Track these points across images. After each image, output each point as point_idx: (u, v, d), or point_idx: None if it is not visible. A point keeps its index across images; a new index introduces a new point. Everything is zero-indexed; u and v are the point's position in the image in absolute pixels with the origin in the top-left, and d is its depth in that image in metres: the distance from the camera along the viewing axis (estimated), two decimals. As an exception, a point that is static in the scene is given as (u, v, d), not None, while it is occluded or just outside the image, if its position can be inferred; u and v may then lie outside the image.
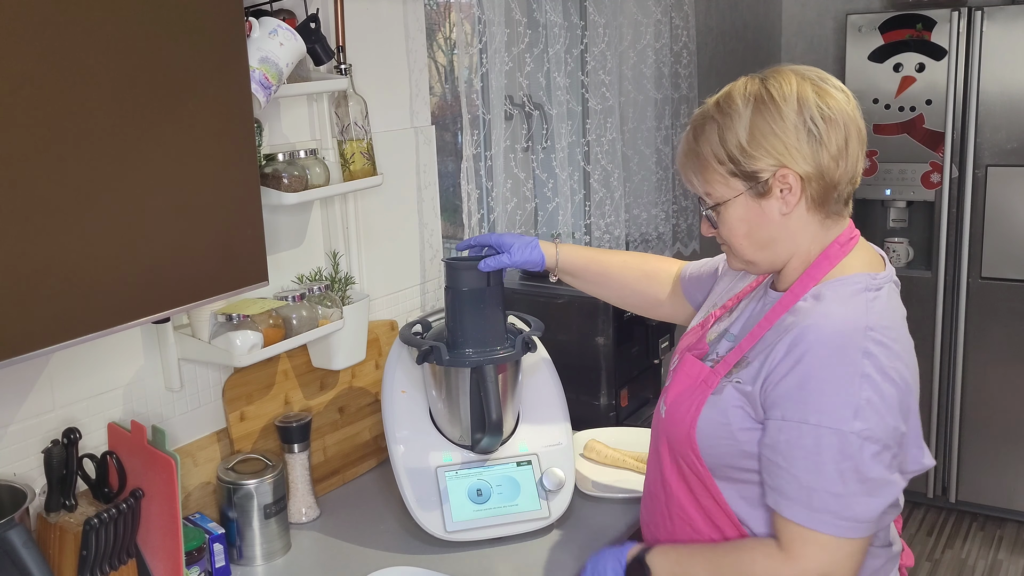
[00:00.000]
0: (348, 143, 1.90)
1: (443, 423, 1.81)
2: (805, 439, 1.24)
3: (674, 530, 1.47)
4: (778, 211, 1.32)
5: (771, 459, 1.29)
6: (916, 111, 3.66)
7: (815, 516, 1.25)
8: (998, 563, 3.55)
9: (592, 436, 2.10)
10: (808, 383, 1.25)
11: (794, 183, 1.30)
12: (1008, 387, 3.66)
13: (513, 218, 2.67)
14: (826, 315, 1.28)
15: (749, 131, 1.29)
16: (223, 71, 1.33)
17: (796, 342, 1.27)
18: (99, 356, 1.61)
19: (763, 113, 1.29)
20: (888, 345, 1.27)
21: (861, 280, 1.33)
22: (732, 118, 1.31)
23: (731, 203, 1.34)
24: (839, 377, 1.24)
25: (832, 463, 1.23)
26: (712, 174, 1.34)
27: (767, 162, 1.29)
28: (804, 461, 1.24)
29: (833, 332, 1.26)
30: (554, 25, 2.67)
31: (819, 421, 1.23)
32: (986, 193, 3.60)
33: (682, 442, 1.40)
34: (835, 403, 1.23)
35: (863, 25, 3.71)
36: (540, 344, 1.92)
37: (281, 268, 1.91)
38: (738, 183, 1.32)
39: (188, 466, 1.75)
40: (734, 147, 1.30)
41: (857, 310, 1.29)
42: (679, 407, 1.41)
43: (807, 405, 1.24)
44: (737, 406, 1.33)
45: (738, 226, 1.35)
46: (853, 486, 1.24)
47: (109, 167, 1.19)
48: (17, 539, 1.26)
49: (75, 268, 1.17)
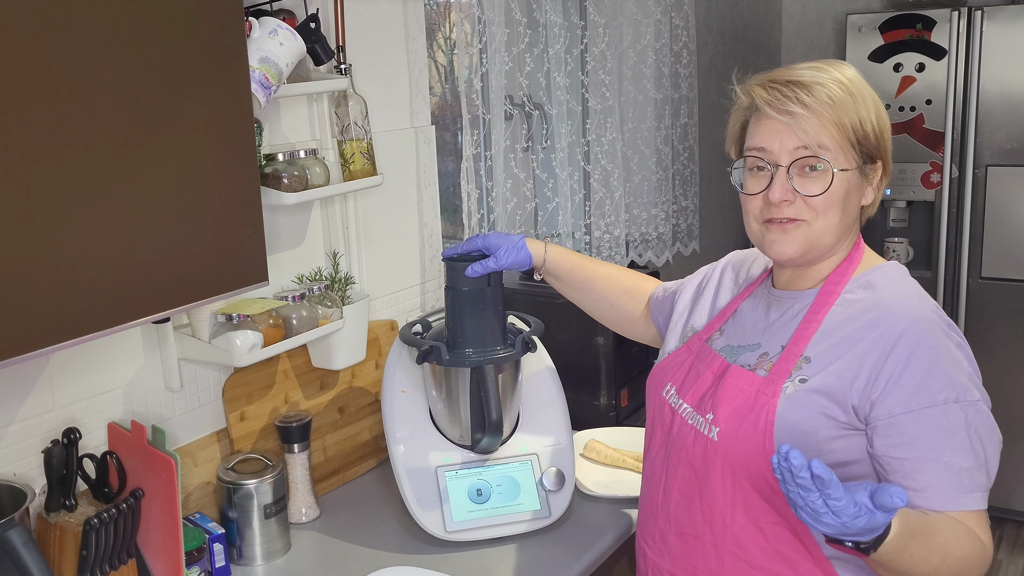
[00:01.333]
0: (348, 143, 1.90)
1: (443, 423, 1.81)
2: (952, 419, 1.22)
3: (722, 572, 1.35)
4: (859, 199, 1.36)
5: (906, 457, 1.22)
6: (916, 111, 3.66)
7: (971, 496, 1.22)
8: (998, 563, 3.55)
9: (592, 436, 2.10)
10: (932, 367, 1.23)
11: (881, 181, 1.38)
12: (1008, 387, 3.66)
13: (513, 218, 2.67)
14: (903, 297, 1.31)
15: (878, 120, 1.34)
16: (223, 71, 1.33)
17: (898, 334, 1.25)
18: (99, 356, 1.61)
19: (882, 110, 1.36)
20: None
21: (896, 267, 1.38)
22: (868, 104, 1.33)
23: (846, 174, 1.31)
24: (950, 352, 1.25)
25: (974, 435, 1.23)
26: (844, 141, 1.31)
27: (876, 152, 1.35)
28: (951, 444, 1.22)
29: (924, 311, 1.28)
30: (554, 25, 2.67)
31: (946, 399, 1.22)
32: (986, 193, 3.60)
33: (754, 460, 1.29)
34: (960, 377, 1.24)
35: (863, 25, 3.71)
36: (540, 344, 1.92)
37: (281, 268, 1.91)
38: (856, 157, 1.32)
39: (188, 466, 1.75)
40: (871, 129, 1.33)
41: (918, 291, 1.33)
42: (742, 423, 1.30)
43: (930, 388, 1.22)
44: (822, 412, 1.26)
45: (839, 199, 1.32)
46: (991, 449, 1.25)
47: (109, 167, 1.19)
48: (17, 539, 1.26)
49: (75, 268, 1.17)
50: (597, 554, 1.70)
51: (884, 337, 1.25)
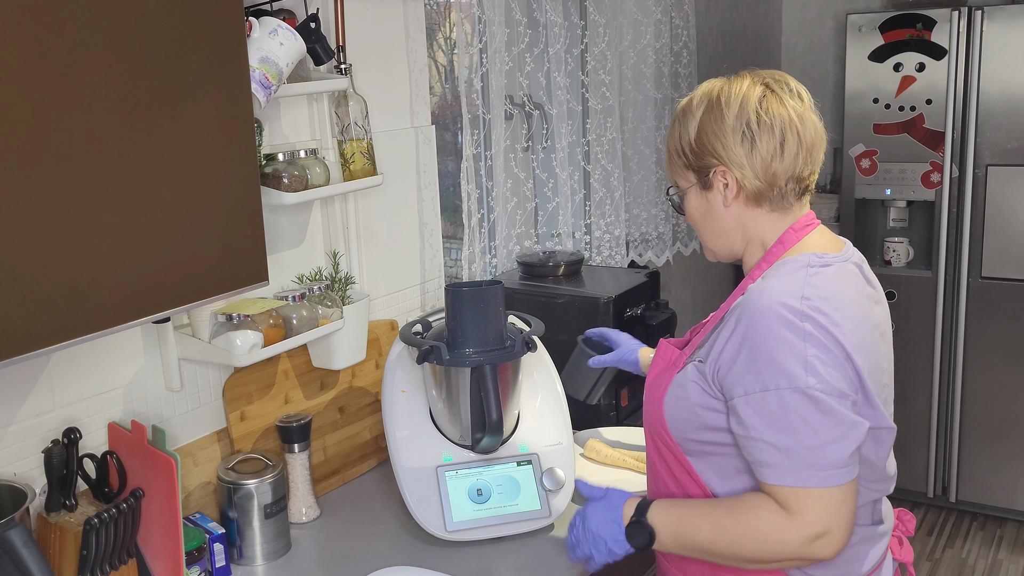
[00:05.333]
0: (348, 143, 1.90)
1: (443, 423, 1.81)
2: (770, 405, 1.30)
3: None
4: (721, 203, 1.45)
5: (744, 435, 1.34)
6: (916, 111, 3.66)
7: (797, 474, 1.30)
8: (998, 563, 3.55)
9: (592, 436, 2.10)
10: (758, 354, 1.31)
11: (731, 180, 1.42)
12: (1008, 387, 3.66)
13: (513, 218, 2.67)
14: (763, 291, 1.36)
15: (697, 131, 1.43)
16: (223, 71, 1.33)
17: (739, 320, 1.35)
18: (99, 356, 1.61)
19: (709, 115, 1.42)
20: (827, 313, 1.33)
21: (805, 258, 1.40)
22: (688, 118, 1.45)
23: (688, 193, 1.48)
24: (784, 340, 1.30)
25: (799, 419, 1.29)
26: (674, 165, 1.49)
27: (710, 160, 1.43)
28: (774, 426, 1.30)
29: (770, 302, 1.33)
30: (554, 25, 2.67)
31: (777, 384, 1.30)
32: (986, 193, 3.59)
33: (655, 420, 1.48)
34: (786, 365, 1.29)
35: (863, 25, 3.71)
36: (540, 344, 1.92)
37: (281, 268, 1.91)
38: (691, 175, 1.47)
39: (188, 466, 1.75)
40: (686, 144, 1.45)
41: (795, 283, 1.36)
42: (653, 388, 1.50)
43: (762, 374, 1.31)
44: (694, 381, 1.40)
45: (694, 213, 1.50)
46: (824, 434, 1.29)
47: (109, 167, 1.19)
48: (17, 539, 1.26)
49: (75, 268, 1.17)
50: (597, 554, 1.70)
51: (731, 325, 1.36)
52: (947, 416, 3.81)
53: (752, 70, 1.46)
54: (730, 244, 1.48)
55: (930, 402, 3.79)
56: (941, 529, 3.81)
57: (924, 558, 3.60)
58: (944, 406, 3.81)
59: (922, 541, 3.72)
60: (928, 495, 3.91)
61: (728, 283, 4.16)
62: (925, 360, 3.77)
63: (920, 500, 3.96)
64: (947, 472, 3.86)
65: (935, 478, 3.89)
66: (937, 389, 3.79)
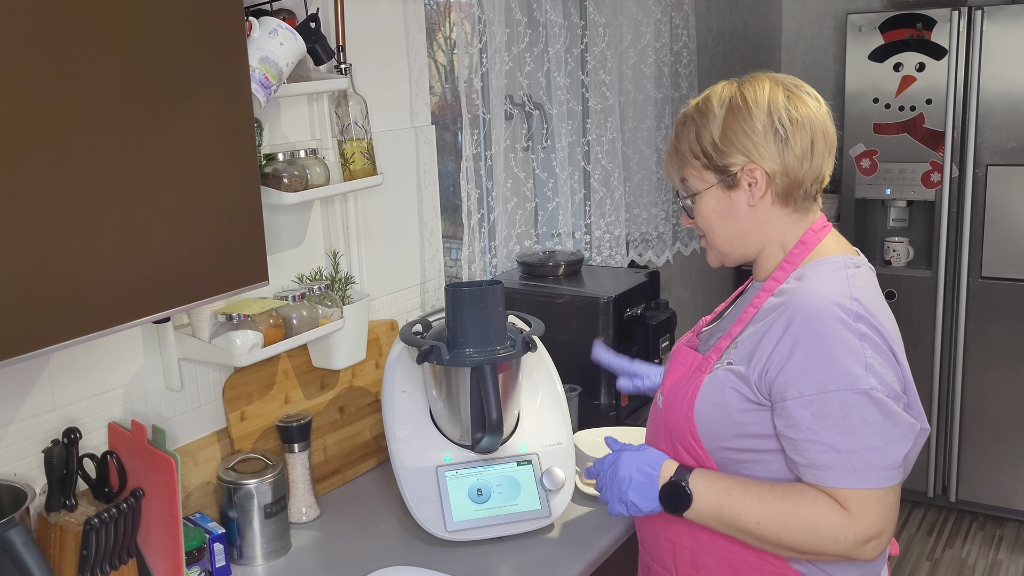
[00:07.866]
0: (348, 143, 1.90)
1: (443, 423, 1.81)
2: (830, 407, 1.30)
3: (671, 522, 1.49)
4: (745, 203, 1.43)
5: (798, 438, 1.32)
6: (916, 110, 3.66)
7: (858, 475, 1.30)
8: (998, 563, 3.55)
9: (592, 436, 2.10)
10: (815, 356, 1.31)
11: (760, 178, 1.41)
12: (1008, 387, 3.66)
13: (513, 218, 2.67)
14: (812, 291, 1.36)
15: (722, 130, 1.42)
16: (223, 71, 1.33)
17: (789, 322, 1.34)
18: (99, 356, 1.61)
19: (735, 114, 1.41)
20: (874, 314, 1.35)
21: (840, 260, 1.42)
22: (708, 118, 1.44)
23: (704, 194, 1.46)
24: (844, 341, 1.31)
25: (861, 420, 1.29)
26: (689, 168, 1.47)
27: (737, 158, 1.41)
28: (834, 428, 1.30)
29: (824, 303, 1.33)
30: (554, 25, 2.67)
31: (838, 386, 1.29)
32: (986, 193, 3.60)
33: (681, 427, 1.45)
34: (847, 366, 1.30)
35: (863, 25, 3.71)
36: (540, 344, 1.92)
37: (281, 268, 1.91)
38: (711, 176, 1.44)
39: (188, 466, 1.75)
40: (708, 143, 1.43)
41: (840, 283, 1.37)
42: (676, 394, 1.47)
43: (822, 375, 1.30)
44: (732, 387, 1.38)
45: (710, 215, 1.47)
46: (885, 435, 1.30)
47: (109, 167, 1.19)
48: (17, 539, 1.26)
49: (75, 268, 1.17)
50: (597, 554, 1.70)
51: (780, 327, 1.35)
52: (947, 416, 3.81)
53: (762, 72, 1.46)
54: (745, 246, 1.47)
55: (930, 402, 3.79)
56: (941, 529, 3.81)
57: (924, 558, 3.60)
58: (944, 406, 3.81)
59: (922, 541, 3.72)
60: (928, 495, 3.91)
61: (728, 283, 4.16)
62: (925, 360, 3.77)
63: (920, 500, 3.96)
64: (947, 472, 3.86)
65: (935, 478, 3.89)
66: (937, 389, 3.79)
